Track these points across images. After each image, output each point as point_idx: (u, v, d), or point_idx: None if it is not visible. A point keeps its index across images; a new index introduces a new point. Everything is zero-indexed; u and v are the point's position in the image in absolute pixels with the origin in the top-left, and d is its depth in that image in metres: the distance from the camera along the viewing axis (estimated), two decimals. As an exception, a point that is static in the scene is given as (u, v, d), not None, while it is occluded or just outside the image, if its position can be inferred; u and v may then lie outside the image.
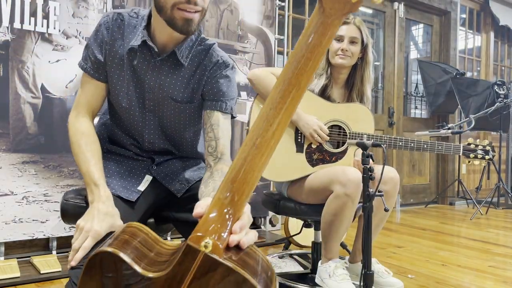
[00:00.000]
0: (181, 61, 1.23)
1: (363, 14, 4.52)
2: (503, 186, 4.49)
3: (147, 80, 1.24)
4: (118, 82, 1.25)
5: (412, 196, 4.78)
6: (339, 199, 1.71)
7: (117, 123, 1.34)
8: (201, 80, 1.26)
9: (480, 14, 5.49)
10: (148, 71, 1.23)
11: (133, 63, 1.23)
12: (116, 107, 1.30)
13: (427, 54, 5.12)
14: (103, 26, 1.23)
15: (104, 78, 1.25)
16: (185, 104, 1.27)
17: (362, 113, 1.95)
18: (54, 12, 2.34)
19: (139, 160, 1.34)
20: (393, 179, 1.83)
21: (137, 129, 1.31)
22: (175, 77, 1.25)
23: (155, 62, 1.22)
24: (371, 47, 1.99)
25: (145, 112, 1.28)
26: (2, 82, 2.22)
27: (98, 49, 1.23)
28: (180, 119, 1.30)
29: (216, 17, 2.96)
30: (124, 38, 1.23)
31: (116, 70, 1.24)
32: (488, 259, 2.64)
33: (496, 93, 4.53)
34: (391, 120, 4.52)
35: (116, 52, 1.23)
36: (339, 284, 1.74)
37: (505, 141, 4.87)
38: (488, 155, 1.87)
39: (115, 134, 1.35)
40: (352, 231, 2.08)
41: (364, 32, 1.95)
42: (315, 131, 1.84)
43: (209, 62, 1.27)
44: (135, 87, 1.25)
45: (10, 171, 2.23)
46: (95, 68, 1.24)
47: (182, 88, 1.26)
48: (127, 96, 1.26)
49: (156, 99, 1.26)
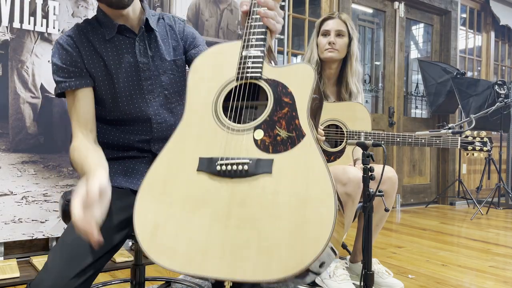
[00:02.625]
0: (156, 29, 1.29)
1: (363, 14, 4.51)
2: (503, 186, 4.48)
3: (139, 59, 1.27)
4: (113, 72, 1.25)
5: (413, 196, 4.77)
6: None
7: (114, 124, 1.32)
8: (175, 37, 1.34)
9: (481, 13, 5.49)
10: (133, 50, 1.26)
11: (117, 50, 1.26)
12: (112, 108, 1.29)
13: (428, 53, 5.11)
14: (65, 44, 1.23)
15: (90, 81, 1.24)
16: (175, 60, 1.32)
17: (358, 111, 1.95)
18: (53, 12, 2.33)
19: (140, 157, 1.33)
20: (391, 179, 1.83)
21: (142, 116, 1.30)
22: (157, 44, 1.30)
23: (134, 40, 1.26)
24: (356, 41, 2.00)
25: (144, 94, 1.29)
26: (2, 82, 2.22)
27: (69, 59, 1.22)
28: (176, 79, 1.34)
29: (216, 16, 2.95)
30: (92, 38, 1.25)
31: (99, 68, 1.25)
32: (489, 259, 2.64)
33: (497, 93, 4.52)
34: (391, 120, 4.52)
35: (93, 50, 1.24)
36: (339, 284, 1.73)
37: (505, 141, 4.86)
38: (486, 146, 1.87)
39: (111, 137, 1.33)
40: (352, 231, 2.08)
41: (349, 26, 1.96)
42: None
43: (170, 22, 1.36)
44: (129, 72, 1.27)
45: (9, 171, 2.23)
46: (77, 75, 1.22)
47: (166, 49, 1.32)
48: (126, 83, 1.27)
49: (152, 73, 1.29)
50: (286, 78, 1.01)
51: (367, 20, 4.57)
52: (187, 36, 1.35)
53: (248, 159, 0.91)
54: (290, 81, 1.00)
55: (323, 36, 1.97)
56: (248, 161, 0.91)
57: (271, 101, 0.99)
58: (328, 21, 1.97)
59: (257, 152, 0.93)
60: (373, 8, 4.51)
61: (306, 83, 0.99)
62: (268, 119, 0.97)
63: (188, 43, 1.35)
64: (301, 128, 0.94)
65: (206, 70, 1.08)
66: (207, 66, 1.08)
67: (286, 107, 0.97)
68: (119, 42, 1.26)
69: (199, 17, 2.89)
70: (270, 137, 0.94)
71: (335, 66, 1.99)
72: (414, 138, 1.89)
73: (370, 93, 4.56)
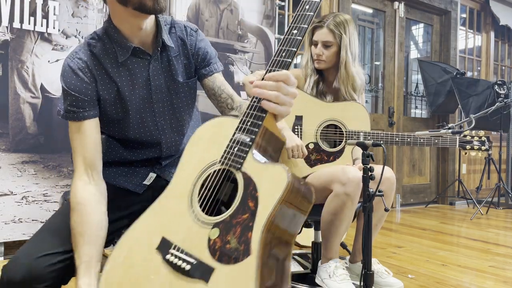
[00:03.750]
0: (172, 46, 1.21)
1: (363, 14, 4.51)
2: (503, 186, 4.48)
3: (152, 82, 1.21)
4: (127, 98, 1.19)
5: (412, 196, 4.77)
6: (338, 198, 1.71)
7: (122, 143, 1.30)
8: (186, 53, 1.25)
9: (480, 13, 5.49)
10: (147, 73, 1.20)
11: (129, 73, 1.18)
12: (122, 130, 1.25)
13: (427, 53, 5.11)
14: (78, 70, 1.14)
15: (98, 111, 1.18)
16: (187, 82, 1.26)
17: (357, 112, 1.95)
18: (53, 12, 2.33)
19: (145, 165, 1.34)
20: (389, 179, 1.83)
21: (152, 141, 1.27)
22: (170, 64, 1.23)
23: (149, 62, 1.19)
24: (348, 45, 1.92)
25: (156, 117, 1.25)
26: (2, 82, 2.22)
27: (79, 85, 1.14)
28: (188, 101, 1.29)
29: (216, 16, 2.95)
30: (103, 61, 1.16)
31: (112, 93, 1.19)
32: (488, 259, 2.64)
33: (497, 93, 4.52)
34: (391, 120, 4.52)
35: (105, 75, 1.17)
36: (339, 284, 1.73)
37: (505, 140, 4.86)
38: (484, 145, 1.87)
39: (118, 154, 1.31)
40: (352, 231, 2.08)
41: (338, 33, 1.91)
42: (298, 146, 1.81)
43: (181, 34, 1.24)
44: (142, 95, 1.21)
45: (9, 171, 2.23)
46: (85, 104, 1.14)
47: (179, 68, 1.24)
48: (138, 107, 1.21)
49: (164, 95, 1.24)
50: (259, 178, 0.91)
51: (367, 20, 4.57)
52: (198, 52, 1.25)
53: (194, 258, 0.89)
54: (261, 184, 0.90)
55: (313, 46, 1.97)
56: (193, 262, 0.89)
57: (238, 200, 0.91)
58: (316, 32, 1.96)
59: (205, 253, 0.89)
60: (373, 8, 4.52)
61: (275, 192, 0.88)
62: (228, 220, 0.90)
63: (200, 60, 1.26)
64: (250, 245, 0.86)
65: (201, 144, 1.03)
66: (203, 140, 1.03)
67: (248, 213, 0.89)
68: (133, 65, 1.18)
69: (199, 17, 2.89)
70: (222, 242, 0.88)
71: (330, 72, 2.00)
72: (413, 137, 1.89)
73: (370, 93, 4.57)
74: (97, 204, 1.12)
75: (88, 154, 1.13)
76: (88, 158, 1.13)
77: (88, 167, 1.13)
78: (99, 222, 1.10)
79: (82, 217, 1.08)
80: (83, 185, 1.12)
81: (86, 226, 1.08)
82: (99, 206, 1.12)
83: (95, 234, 1.08)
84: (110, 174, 1.28)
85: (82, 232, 1.07)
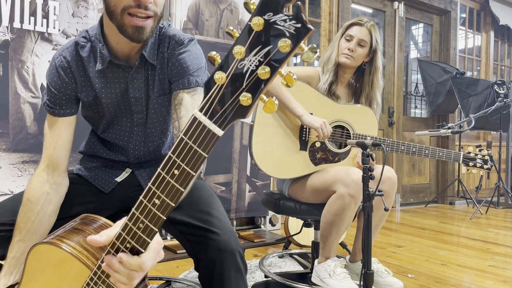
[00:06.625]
0: (153, 63, 1.17)
1: (363, 13, 4.51)
2: (503, 185, 4.49)
3: (131, 94, 1.20)
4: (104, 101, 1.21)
5: (412, 195, 4.78)
6: (341, 199, 1.71)
7: (101, 139, 1.34)
8: (163, 68, 1.18)
9: (480, 13, 5.49)
10: (126, 84, 1.19)
11: (106, 81, 1.18)
12: (100, 129, 1.28)
13: (427, 53, 5.12)
14: (59, 68, 1.17)
15: (76, 110, 1.21)
16: (157, 98, 1.21)
17: (367, 116, 1.95)
18: (53, 12, 2.34)
19: (122, 161, 1.35)
20: (390, 179, 1.84)
21: (121, 146, 1.29)
22: (150, 80, 1.20)
23: (129, 75, 1.18)
24: (380, 53, 1.97)
25: (134, 126, 1.25)
26: (2, 82, 2.22)
27: (60, 84, 1.17)
28: (159, 117, 1.26)
29: (216, 16, 2.95)
30: (86, 64, 1.17)
31: (91, 97, 1.20)
32: (488, 258, 2.64)
33: (496, 92, 4.53)
34: (391, 119, 4.52)
35: (86, 77, 1.18)
36: (340, 283, 1.73)
37: (505, 140, 4.87)
38: (486, 164, 1.89)
39: (96, 150, 1.35)
40: (352, 231, 2.08)
41: (374, 37, 1.94)
42: (325, 123, 1.83)
43: (164, 48, 1.18)
44: (121, 105, 1.22)
45: (10, 170, 2.23)
46: (63, 102, 1.17)
47: (156, 85, 1.20)
48: (115, 115, 1.23)
49: (143, 107, 1.23)
50: None
51: (367, 20, 4.57)
52: (175, 64, 1.16)
53: None
54: None
55: (345, 40, 1.95)
56: None
57: None
58: (354, 27, 1.95)
59: None
60: (373, 8, 4.52)
61: None
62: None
63: (174, 73, 1.17)
64: None
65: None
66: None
67: None
68: (112, 74, 1.18)
69: (199, 17, 2.89)
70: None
71: (349, 71, 1.99)
72: (418, 148, 1.90)
73: (370, 93, 4.57)
74: (47, 205, 1.14)
75: (54, 152, 1.16)
76: (53, 156, 1.16)
77: (50, 165, 1.16)
78: (42, 223, 1.13)
79: (27, 214, 1.11)
80: (39, 183, 1.15)
81: (28, 224, 1.10)
82: (48, 207, 1.14)
83: (34, 233, 1.11)
84: (88, 165, 1.32)
85: (23, 228, 1.10)
